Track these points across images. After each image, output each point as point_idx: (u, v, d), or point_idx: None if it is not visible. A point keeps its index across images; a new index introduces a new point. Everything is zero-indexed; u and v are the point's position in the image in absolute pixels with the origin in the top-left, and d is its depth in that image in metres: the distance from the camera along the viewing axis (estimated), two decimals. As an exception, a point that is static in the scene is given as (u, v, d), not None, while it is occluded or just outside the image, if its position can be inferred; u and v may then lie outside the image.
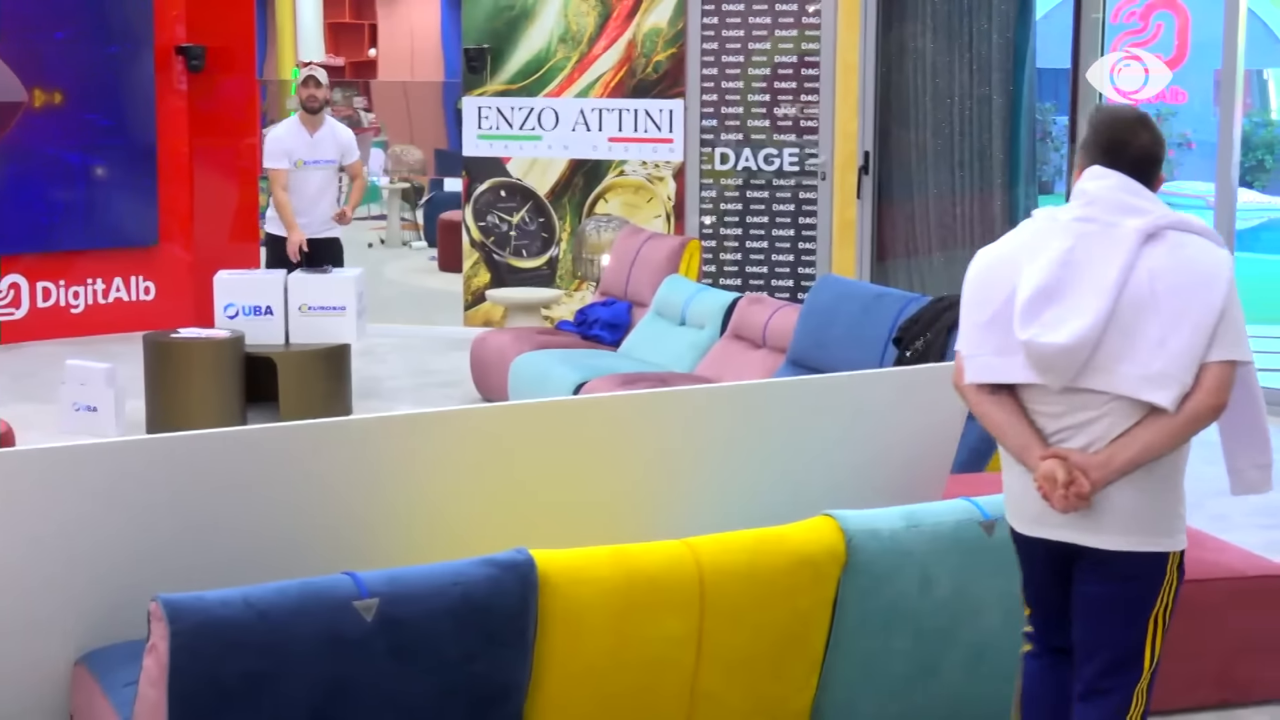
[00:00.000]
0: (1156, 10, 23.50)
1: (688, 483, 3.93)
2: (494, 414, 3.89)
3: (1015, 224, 9.90)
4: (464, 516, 3.64)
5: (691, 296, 8.01)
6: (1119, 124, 3.46)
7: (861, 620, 3.55)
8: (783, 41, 10.09)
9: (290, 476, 3.44)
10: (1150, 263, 3.29)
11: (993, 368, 3.39)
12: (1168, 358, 3.24)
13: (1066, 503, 3.26)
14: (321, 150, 8.80)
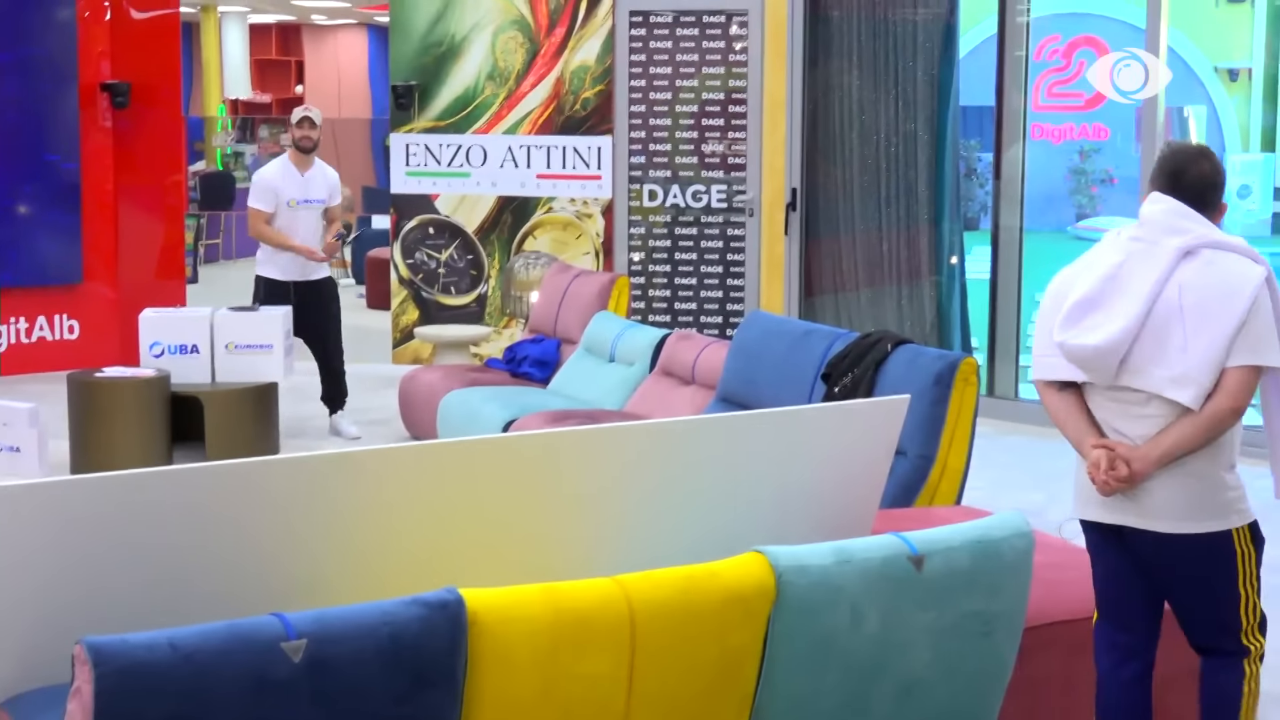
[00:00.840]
0: (1079, 48, 23.80)
1: (618, 520, 3.92)
2: (423, 452, 3.85)
3: (940, 259, 10.07)
4: (393, 556, 3.61)
5: (620, 333, 8.02)
6: (1179, 155, 3.97)
7: (792, 656, 3.53)
8: (710, 79, 10.15)
9: (217, 516, 3.41)
10: (1182, 277, 3.75)
11: (1053, 367, 3.95)
12: (1189, 362, 3.72)
13: (1106, 487, 3.80)
14: (313, 190, 8.78)
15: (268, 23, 25.35)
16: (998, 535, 3.71)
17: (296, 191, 8.71)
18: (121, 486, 3.37)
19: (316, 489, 3.50)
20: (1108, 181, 23.31)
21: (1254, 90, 23.42)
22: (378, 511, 3.57)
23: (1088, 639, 4.26)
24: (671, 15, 10.19)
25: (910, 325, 9.93)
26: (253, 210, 8.78)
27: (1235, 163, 23.38)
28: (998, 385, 9.76)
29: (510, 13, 10.37)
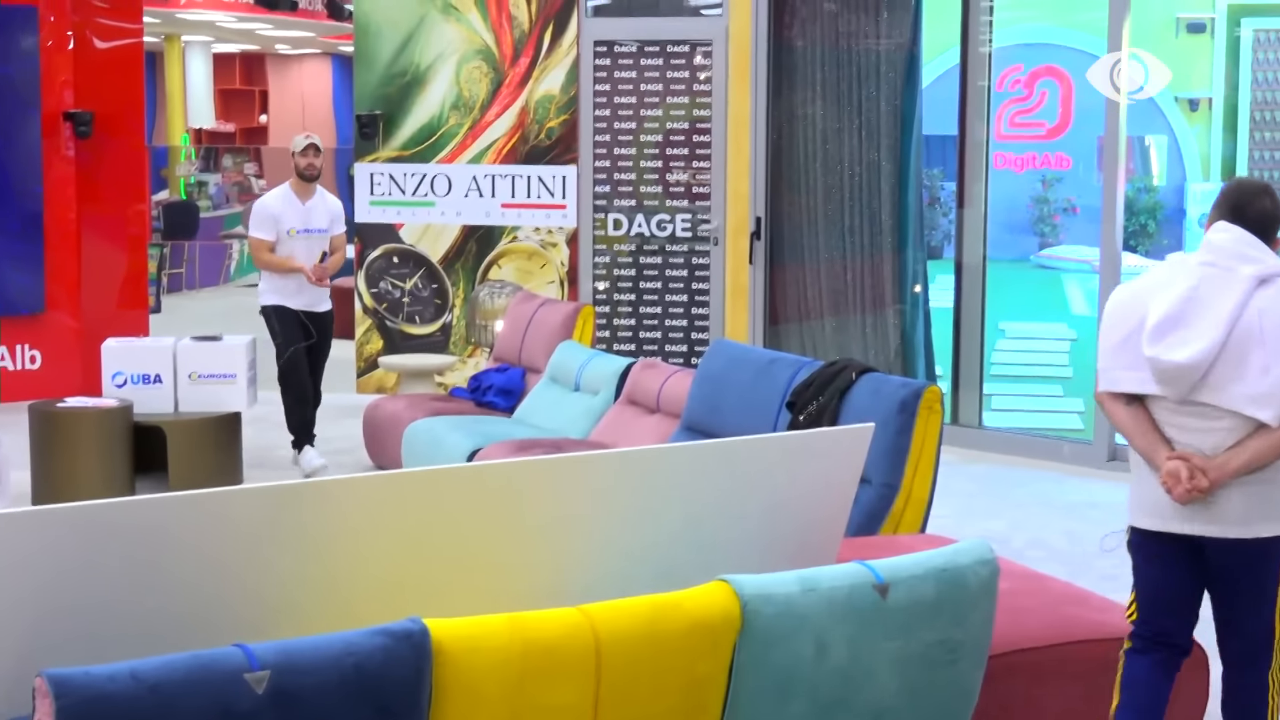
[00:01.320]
0: (1041, 78, 23.89)
1: (583, 549, 3.91)
2: (387, 482, 3.85)
3: (904, 288, 10.10)
4: (357, 586, 3.59)
5: (585, 362, 8.02)
6: (1244, 190, 4.37)
7: (757, 685, 3.54)
8: (674, 108, 10.19)
9: (180, 547, 3.39)
10: (1260, 303, 4.04)
11: (1121, 380, 4.19)
12: (1271, 382, 4.00)
13: (1187, 496, 4.04)
14: (315, 219, 8.67)
15: (231, 52, 25.33)
16: (962, 563, 3.72)
17: (297, 220, 8.61)
18: (84, 517, 3.34)
19: (280, 519, 3.48)
20: (1070, 210, 23.44)
21: (1214, 120, 23.63)
22: (342, 541, 3.55)
23: (1051, 665, 4.33)
24: (636, 45, 10.23)
25: (874, 354, 9.96)
26: (254, 240, 8.74)
27: (1195, 192, 23.56)
28: (962, 413, 9.80)
29: (475, 42, 10.39)
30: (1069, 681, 4.43)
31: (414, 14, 10.44)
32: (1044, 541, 7.39)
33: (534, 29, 10.30)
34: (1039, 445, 9.37)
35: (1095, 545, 7.26)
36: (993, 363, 12.82)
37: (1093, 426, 9.21)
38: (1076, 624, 4.54)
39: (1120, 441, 8.99)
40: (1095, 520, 7.80)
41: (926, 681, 3.70)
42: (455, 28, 10.40)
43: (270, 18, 18.85)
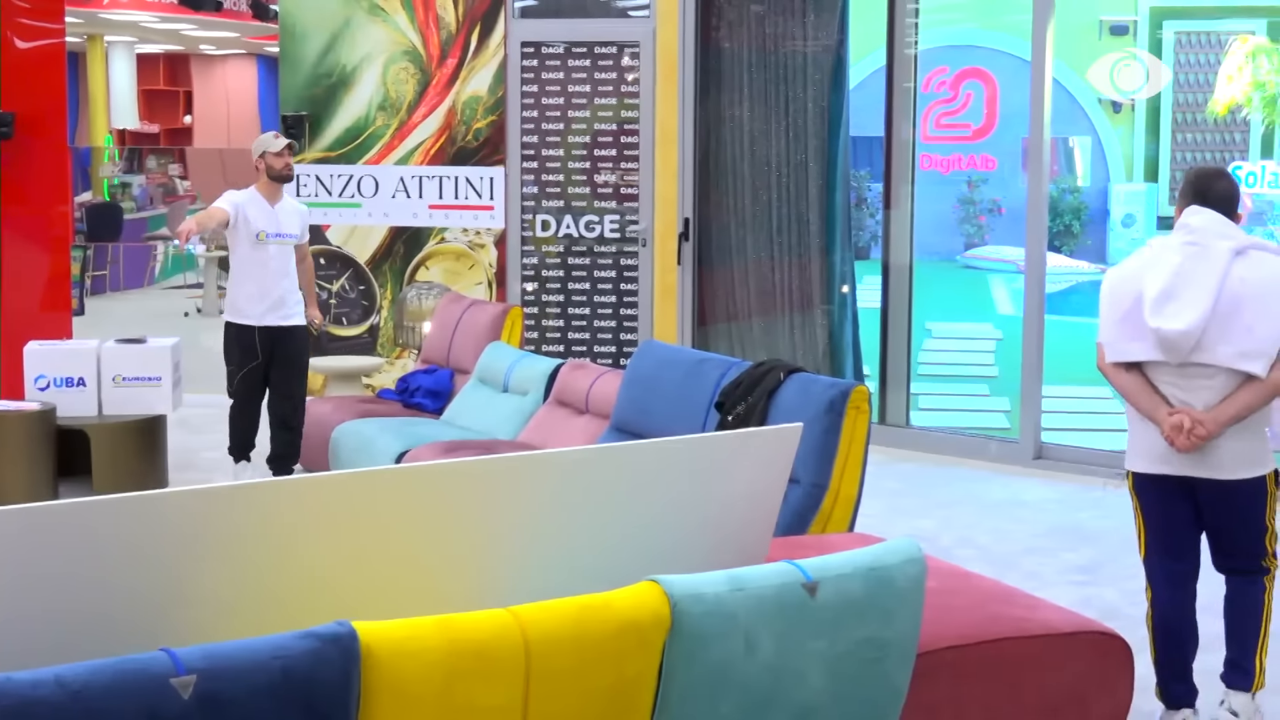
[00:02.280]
0: (966, 80, 24.04)
1: (512, 551, 3.90)
2: (315, 484, 3.82)
3: (832, 288, 10.17)
4: (285, 589, 3.58)
5: (514, 363, 8.03)
6: (1204, 176, 4.97)
7: (687, 684, 3.54)
8: (602, 109, 10.20)
9: (105, 551, 3.36)
10: (1239, 272, 4.70)
11: (1127, 351, 4.84)
12: (1256, 339, 4.66)
13: (1189, 444, 4.70)
14: (285, 223, 8.09)
15: (155, 53, 25.13)
16: (890, 562, 3.74)
17: (267, 223, 8.00)
18: (6, 522, 3.32)
19: (207, 522, 3.46)
20: (995, 211, 23.66)
21: (1137, 121, 23.90)
22: (270, 544, 3.54)
23: (979, 663, 4.36)
24: (563, 46, 10.23)
25: (802, 354, 10.01)
26: (213, 208, 8.00)
27: (1119, 193, 23.84)
28: (889, 413, 9.86)
29: (401, 43, 10.36)
30: (995, 678, 4.45)
31: (340, 15, 10.40)
32: (971, 540, 7.46)
33: (461, 30, 10.28)
34: (966, 444, 9.45)
35: (1020, 544, 7.35)
36: (920, 362, 12.91)
37: (1018, 425, 9.30)
38: (1004, 621, 4.57)
39: (1045, 440, 9.10)
40: (1022, 518, 7.90)
41: (855, 679, 3.71)
42: (381, 29, 10.37)
43: (194, 18, 18.74)
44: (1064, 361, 12.73)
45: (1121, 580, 6.76)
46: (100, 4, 18.11)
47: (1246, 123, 22.16)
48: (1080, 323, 17.48)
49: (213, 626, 3.39)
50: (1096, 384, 12.77)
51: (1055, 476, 8.76)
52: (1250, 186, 20.22)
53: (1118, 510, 7.98)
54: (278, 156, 8.05)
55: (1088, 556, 7.18)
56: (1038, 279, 9.14)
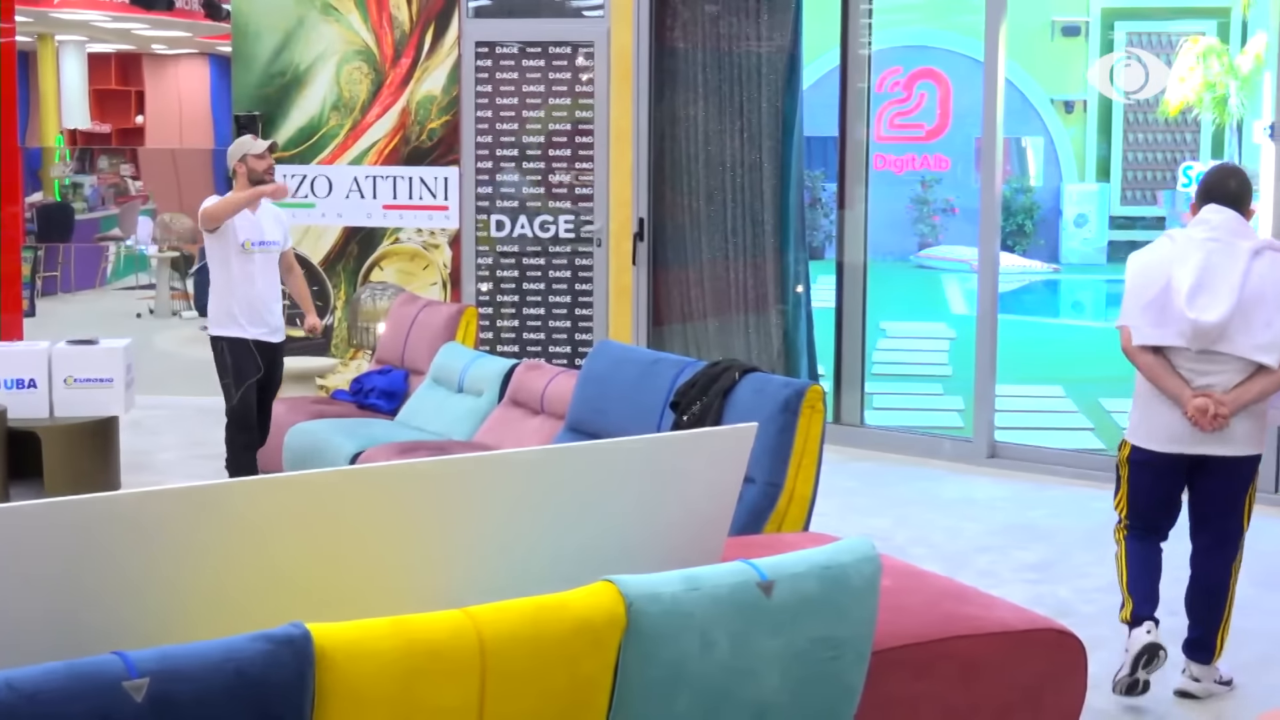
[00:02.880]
0: (919, 80, 24.04)
1: (468, 551, 3.90)
2: (269, 485, 3.81)
3: (786, 288, 10.18)
4: (239, 591, 3.56)
5: (469, 364, 8.03)
6: (1217, 175, 5.40)
7: (643, 683, 3.55)
8: (557, 110, 10.21)
9: (56, 554, 3.34)
10: (1259, 269, 5.17)
11: (1151, 336, 5.24)
12: (1272, 334, 5.15)
13: (1214, 425, 5.16)
14: (267, 231, 7.71)
15: (107, 52, 25.00)
16: (845, 560, 3.75)
17: (251, 232, 7.60)
18: (-45, 525, 3.30)
19: (160, 525, 3.45)
20: (949, 211, 23.76)
21: (1089, 121, 24.10)
22: (223, 546, 3.53)
23: (933, 660, 4.39)
24: (518, 46, 10.23)
25: (757, 353, 10.04)
26: (211, 202, 7.61)
27: (1071, 192, 23.97)
28: (844, 412, 9.91)
29: (355, 43, 10.35)
30: (950, 676, 4.47)
31: (293, 14, 10.38)
32: (925, 538, 7.49)
33: (415, 30, 10.27)
34: (920, 443, 9.50)
35: (972, 542, 7.40)
36: (874, 362, 12.98)
37: (972, 424, 9.35)
38: (957, 620, 4.59)
39: (999, 439, 9.17)
40: (975, 517, 7.95)
41: (810, 677, 3.73)
42: (335, 28, 10.36)
43: (146, 17, 18.64)
44: (1017, 360, 12.83)
45: (1074, 578, 6.82)
46: (51, 3, 17.99)
47: (1197, 122, 22.38)
48: (1033, 322, 17.64)
49: (166, 629, 3.37)
50: (1049, 382, 12.89)
51: (1008, 475, 8.83)
52: (1201, 185, 20.43)
53: (1070, 508, 8.06)
54: (259, 159, 7.63)
55: (1040, 554, 7.23)
56: (991, 278, 9.18)
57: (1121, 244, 23.36)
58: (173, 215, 18.20)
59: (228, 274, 7.61)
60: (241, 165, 7.57)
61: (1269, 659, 5.84)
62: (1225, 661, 5.50)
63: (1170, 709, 5.33)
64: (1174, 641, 5.45)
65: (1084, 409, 11.77)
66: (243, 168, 7.57)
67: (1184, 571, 5.49)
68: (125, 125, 25.25)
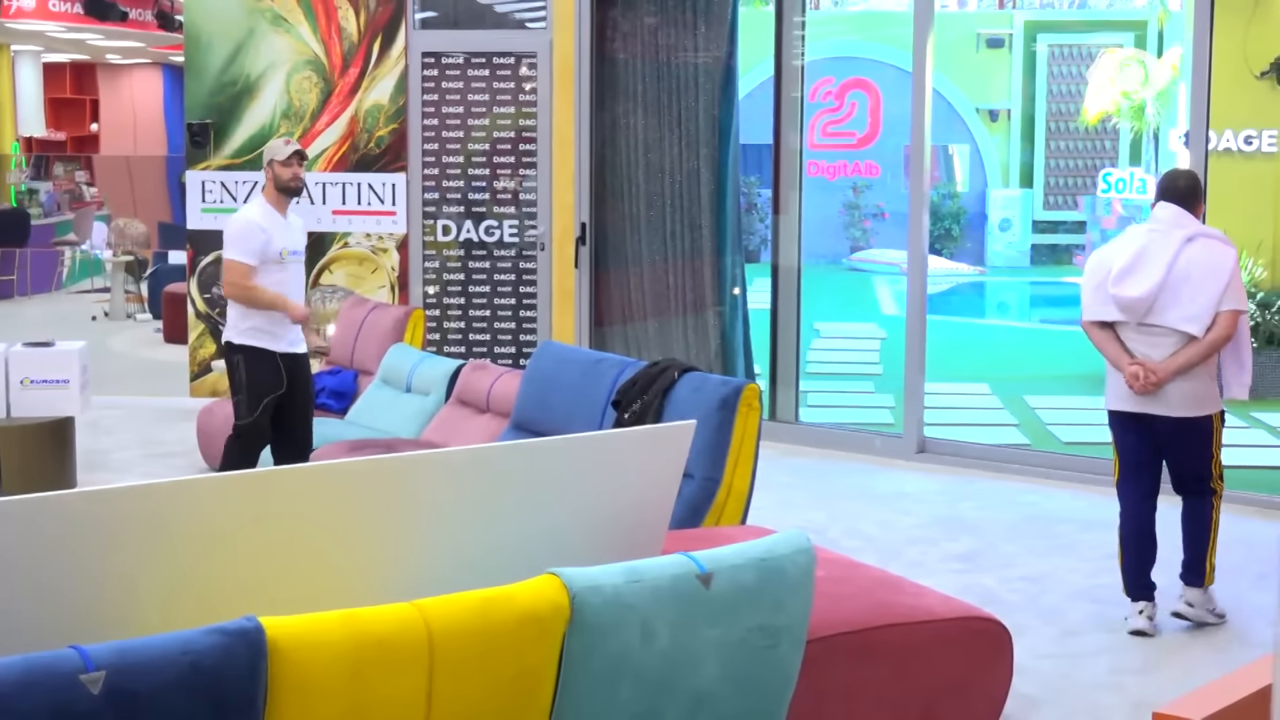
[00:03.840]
0: (851, 90, 24.04)
1: (416, 546, 3.91)
2: (221, 483, 3.74)
3: (724, 290, 10.31)
4: (194, 587, 3.55)
5: (416, 364, 8.07)
6: (1168, 177, 6.23)
7: (587, 673, 3.58)
8: (501, 118, 10.26)
9: (13, 551, 3.32)
10: (1188, 255, 5.90)
11: (1095, 312, 6.04)
12: (1196, 307, 5.84)
13: (1144, 388, 5.88)
14: (298, 239, 7.18)
15: (61, 61, 24.85)
16: (781, 552, 3.81)
17: (287, 239, 7.04)
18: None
19: (114, 523, 3.45)
20: (879, 216, 23.86)
21: (1012, 130, 24.28)
22: (177, 543, 3.53)
23: (866, 648, 4.48)
24: (463, 56, 10.29)
25: (696, 354, 10.07)
26: (236, 265, 6.93)
27: (996, 198, 24.11)
28: (779, 409, 9.98)
29: (304, 53, 10.38)
30: (883, 663, 4.57)
31: (244, 25, 10.40)
32: (858, 530, 7.56)
33: (363, 40, 10.31)
34: (852, 439, 9.57)
35: (903, 535, 7.51)
36: (808, 361, 13.03)
37: (902, 420, 9.43)
38: (890, 608, 4.67)
39: (927, 435, 9.27)
40: (906, 510, 8.00)
41: (748, 666, 3.78)
42: (285, 39, 10.38)
43: (100, 28, 18.53)
44: (945, 359, 12.94)
45: (1000, 568, 6.93)
46: (6, 13, 17.88)
47: (1116, 131, 22.55)
48: (960, 322, 17.73)
49: (122, 624, 3.38)
50: (976, 380, 13.00)
51: (937, 470, 8.92)
52: (1120, 192, 20.60)
53: (996, 501, 8.18)
54: (285, 166, 7.00)
55: (968, 545, 7.32)
56: (920, 280, 9.29)
57: (1044, 248, 23.54)
58: (127, 221, 18.13)
59: (261, 284, 6.95)
60: (269, 170, 7.04)
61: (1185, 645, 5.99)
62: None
63: (1102, 695, 5.43)
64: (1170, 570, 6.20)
65: (1009, 406, 11.80)
66: (270, 173, 7.04)
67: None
68: (80, 133, 25.09)
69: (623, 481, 4.26)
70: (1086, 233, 22.03)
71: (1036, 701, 5.31)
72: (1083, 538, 7.43)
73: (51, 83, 24.75)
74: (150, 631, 3.22)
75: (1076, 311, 6.31)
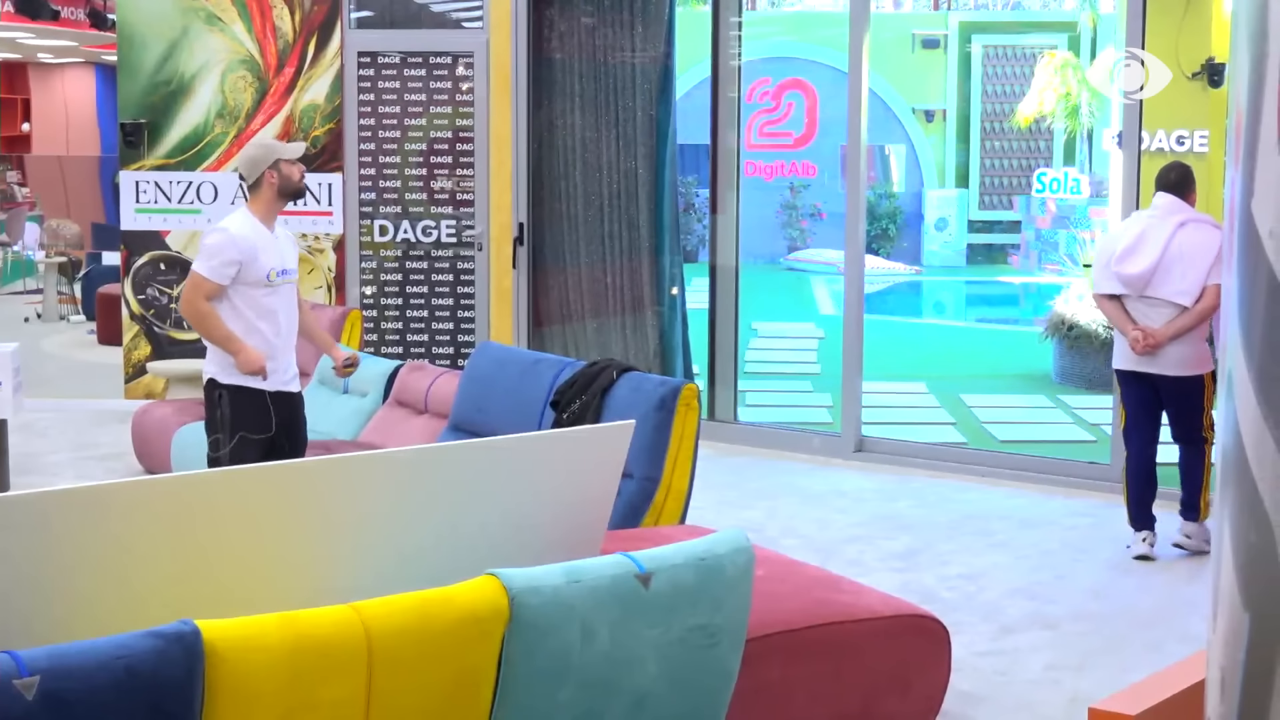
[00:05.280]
0: (787, 90, 24.15)
1: (354, 548, 3.91)
2: (156, 486, 3.73)
3: (662, 290, 10.37)
4: (129, 591, 3.54)
5: (354, 366, 8.05)
6: (1163, 170, 7.18)
7: (527, 674, 3.59)
8: (438, 118, 10.25)
9: None
10: (1181, 237, 6.89)
11: (1105, 286, 7.05)
12: (1187, 283, 6.85)
13: (1144, 350, 6.90)
14: (288, 256, 6.16)
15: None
16: (720, 552, 3.83)
17: (275, 259, 6.03)
18: None
19: (50, 525, 3.43)
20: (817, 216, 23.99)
21: (948, 130, 24.48)
22: (112, 547, 3.51)
23: (805, 646, 4.54)
24: (399, 56, 10.27)
25: (634, 353, 10.10)
26: (201, 281, 5.93)
27: (932, 198, 24.31)
28: (718, 409, 9.99)
29: (239, 52, 10.34)
30: (822, 660, 4.61)
31: (177, 24, 10.34)
32: (796, 529, 7.60)
33: (298, 40, 10.28)
34: (790, 438, 9.61)
35: (842, 533, 7.56)
36: (746, 360, 13.08)
37: (840, 419, 9.48)
38: (828, 606, 4.72)
39: (865, 434, 9.32)
40: (843, 508, 8.05)
41: (688, 664, 3.80)
42: (219, 38, 10.34)
43: (32, 26, 18.39)
44: (882, 358, 13.02)
45: (937, 566, 6.98)
46: (-63, 13, 17.73)
47: (1050, 132, 22.77)
48: (897, 321, 17.86)
49: (56, 628, 3.36)
50: (912, 379, 13.10)
51: (875, 468, 8.96)
52: (1054, 192, 20.81)
53: (934, 499, 8.24)
54: (294, 165, 6.10)
55: (905, 544, 7.37)
56: (857, 280, 9.35)
57: (980, 247, 23.74)
58: (60, 221, 18.00)
59: (243, 311, 5.99)
60: (273, 173, 6.02)
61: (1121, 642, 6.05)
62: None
63: (1039, 691, 5.49)
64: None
65: (946, 404, 11.88)
66: (275, 176, 6.03)
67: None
68: (11, 133, 24.88)
69: (562, 481, 4.28)
70: (1021, 232, 22.24)
71: (974, 698, 5.34)
72: (1020, 535, 7.49)
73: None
74: (85, 636, 3.19)
75: (1012, 310, 6.53)
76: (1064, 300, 13.21)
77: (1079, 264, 16.52)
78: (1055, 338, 12.57)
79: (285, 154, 6.06)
